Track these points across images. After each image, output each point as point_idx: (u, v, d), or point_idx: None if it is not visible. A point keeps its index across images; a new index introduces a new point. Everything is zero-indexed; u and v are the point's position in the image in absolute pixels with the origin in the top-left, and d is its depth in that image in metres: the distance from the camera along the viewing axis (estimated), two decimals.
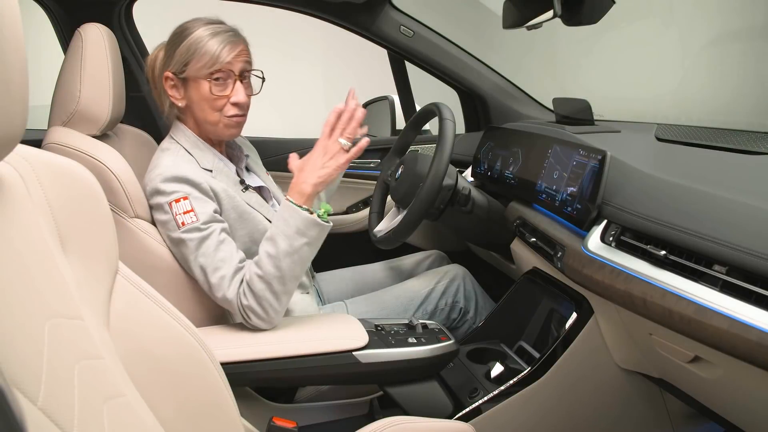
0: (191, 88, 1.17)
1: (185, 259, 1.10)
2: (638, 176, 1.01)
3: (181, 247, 1.10)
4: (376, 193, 1.63)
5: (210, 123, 1.19)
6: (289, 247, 1.07)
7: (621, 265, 0.92)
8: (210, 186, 1.13)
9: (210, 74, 1.14)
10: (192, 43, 1.14)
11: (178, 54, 1.15)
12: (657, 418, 1.22)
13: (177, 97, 1.19)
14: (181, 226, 1.08)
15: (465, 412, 1.16)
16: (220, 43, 1.14)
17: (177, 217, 1.09)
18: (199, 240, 1.08)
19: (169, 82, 1.18)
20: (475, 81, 1.85)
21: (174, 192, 1.10)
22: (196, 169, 1.15)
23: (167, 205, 1.09)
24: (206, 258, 1.08)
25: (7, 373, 0.43)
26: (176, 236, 1.09)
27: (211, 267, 1.08)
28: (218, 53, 1.13)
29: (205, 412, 0.72)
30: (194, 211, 1.09)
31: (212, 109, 1.17)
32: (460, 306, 1.50)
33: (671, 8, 1.77)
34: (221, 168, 1.20)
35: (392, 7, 1.77)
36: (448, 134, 1.32)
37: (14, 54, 0.44)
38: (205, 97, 1.16)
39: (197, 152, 1.18)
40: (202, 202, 1.11)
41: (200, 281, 1.10)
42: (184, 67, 1.15)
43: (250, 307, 1.07)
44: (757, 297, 0.71)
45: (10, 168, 0.56)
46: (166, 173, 1.10)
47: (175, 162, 1.13)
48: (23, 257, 0.52)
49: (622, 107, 1.83)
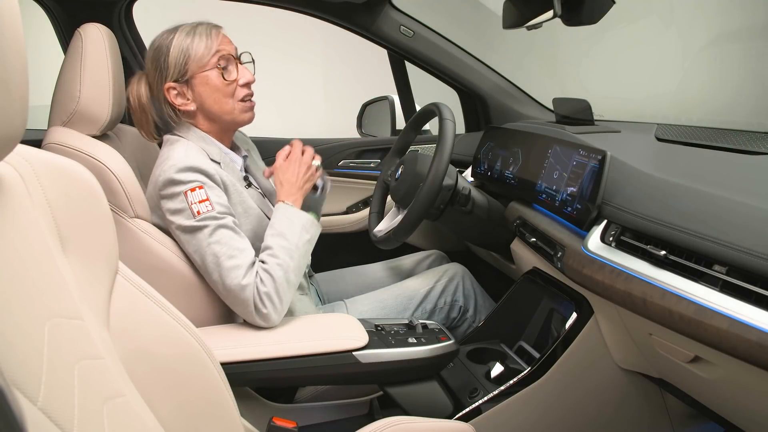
0: (199, 85, 1.17)
1: (198, 248, 1.09)
2: (638, 176, 1.01)
3: (196, 235, 1.09)
4: (376, 193, 1.64)
5: (227, 113, 1.20)
6: (298, 241, 1.14)
7: (621, 265, 0.92)
8: (221, 177, 1.14)
9: (215, 63, 1.16)
10: (179, 46, 1.15)
11: (171, 64, 1.15)
12: (657, 418, 1.22)
13: (186, 102, 1.18)
14: (197, 214, 1.08)
15: (465, 412, 1.16)
16: (205, 32, 1.17)
17: (193, 206, 1.09)
18: (214, 228, 1.09)
19: (172, 92, 1.17)
20: (475, 81, 1.85)
21: (190, 181, 1.10)
22: (207, 160, 1.15)
23: (183, 194, 1.09)
24: (221, 246, 1.08)
25: (7, 373, 0.43)
26: (191, 224, 1.09)
27: (225, 255, 1.08)
28: (211, 40, 1.16)
29: (205, 412, 0.72)
30: (209, 200, 1.10)
31: (226, 97, 1.19)
32: (460, 305, 1.50)
33: (671, 8, 1.77)
34: (227, 162, 1.21)
35: (392, 7, 1.77)
36: (448, 134, 1.32)
37: (14, 54, 0.44)
38: (217, 87, 1.17)
39: (204, 145, 1.19)
40: (217, 192, 1.12)
41: (210, 270, 1.09)
42: (184, 69, 1.16)
43: (268, 294, 1.08)
44: (757, 297, 0.71)
45: (10, 168, 0.56)
46: (179, 164, 1.10)
47: (187, 153, 1.13)
48: (23, 257, 0.52)
49: (622, 107, 1.83)
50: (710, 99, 1.60)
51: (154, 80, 1.19)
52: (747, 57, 1.49)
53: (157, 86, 1.18)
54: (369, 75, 3.06)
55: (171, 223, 1.11)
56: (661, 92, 1.77)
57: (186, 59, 1.15)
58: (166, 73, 1.16)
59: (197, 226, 1.08)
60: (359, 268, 1.68)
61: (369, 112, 2.38)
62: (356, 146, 1.98)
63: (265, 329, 1.10)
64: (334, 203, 1.96)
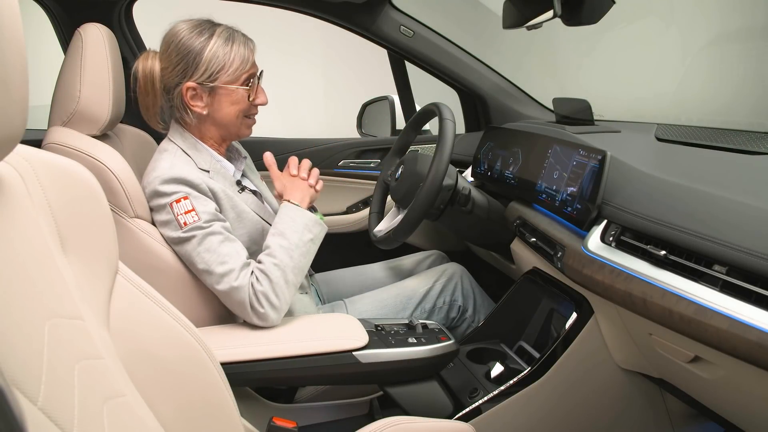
0: (223, 95, 1.17)
1: (189, 257, 1.10)
2: (638, 176, 1.01)
3: (184, 246, 1.10)
4: (376, 193, 1.64)
5: (234, 125, 1.21)
6: (299, 241, 1.14)
7: (621, 265, 0.92)
8: (208, 186, 1.14)
9: (244, 81, 1.17)
10: (215, 53, 1.14)
11: (201, 67, 1.14)
12: (657, 418, 1.22)
13: (200, 105, 1.17)
14: (184, 225, 1.09)
15: (465, 412, 1.16)
16: (243, 44, 1.16)
17: (179, 217, 1.09)
18: (202, 236, 1.09)
19: (190, 92, 1.16)
20: (475, 81, 1.85)
21: (174, 193, 1.10)
22: (193, 169, 1.15)
23: (168, 206, 1.10)
24: (210, 254, 1.09)
25: (7, 373, 0.43)
26: (179, 236, 1.09)
27: (216, 261, 1.08)
28: (247, 57, 1.16)
29: (205, 412, 0.72)
30: (195, 210, 1.10)
31: (242, 113, 1.20)
32: (459, 304, 1.51)
33: (671, 8, 1.77)
34: (218, 169, 1.21)
35: (392, 7, 1.77)
36: (448, 134, 1.32)
37: (14, 54, 0.44)
38: (238, 103, 1.18)
39: (194, 153, 1.19)
40: (202, 201, 1.12)
41: (204, 277, 1.10)
42: (215, 76, 1.15)
43: (265, 293, 1.08)
44: (757, 297, 0.71)
45: (10, 168, 0.56)
46: (163, 175, 1.11)
47: (173, 164, 1.13)
48: (23, 257, 0.52)
49: (622, 107, 1.83)
50: (710, 99, 1.60)
51: (172, 72, 1.16)
52: (747, 57, 1.49)
53: (173, 79, 1.16)
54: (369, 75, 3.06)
55: (162, 234, 1.12)
56: (661, 92, 1.77)
57: (220, 67, 1.14)
58: (192, 72, 1.14)
59: (185, 237, 1.09)
60: (359, 268, 1.68)
61: (369, 112, 2.38)
62: (356, 146, 1.98)
63: (266, 329, 1.10)
64: (334, 203, 1.96)
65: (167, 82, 1.17)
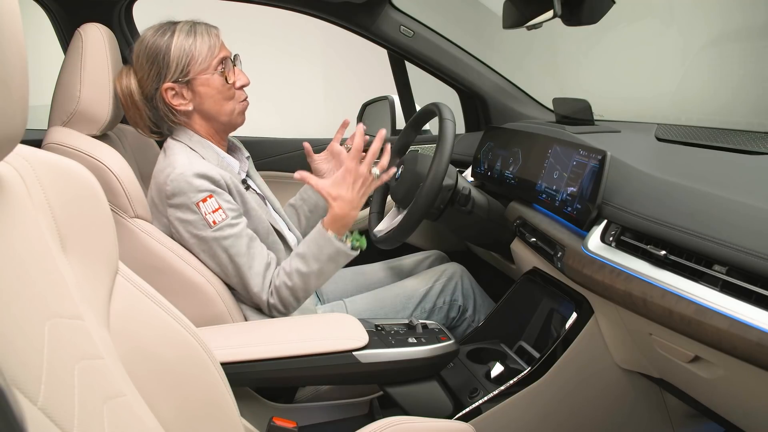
0: (200, 86, 1.17)
1: (214, 255, 1.12)
2: (638, 176, 1.01)
3: (211, 245, 1.11)
4: (376, 193, 1.63)
5: (224, 114, 1.21)
6: (319, 270, 1.17)
7: (621, 265, 0.92)
8: (225, 181, 1.14)
9: (216, 65, 1.17)
10: (180, 47, 1.15)
11: (172, 65, 1.15)
12: (657, 418, 1.22)
13: (183, 102, 1.18)
14: (213, 225, 1.10)
15: (465, 412, 1.16)
16: (205, 33, 1.17)
17: (207, 216, 1.10)
18: (232, 237, 1.12)
19: (170, 92, 1.17)
20: (475, 81, 1.85)
21: (200, 191, 1.10)
22: (209, 165, 1.15)
23: (194, 205, 1.10)
24: (241, 257, 1.13)
25: (7, 373, 0.43)
26: (207, 235, 1.10)
27: (246, 265, 1.13)
28: (213, 43, 1.17)
29: (205, 412, 0.72)
30: (222, 208, 1.11)
31: (226, 99, 1.20)
32: (459, 304, 1.51)
33: (671, 8, 1.77)
34: (224, 165, 1.21)
35: (392, 7, 1.77)
36: (448, 134, 1.32)
37: (14, 54, 0.44)
38: (217, 89, 1.18)
39: (201, 150, 1.19)
40: (225, 197, 1.13)
41: (230, 275, 1.14)
42: (186, 69, 1.15)
43: (275, 306, 1.18)
44: (757, 297, 0.71)
45: (10, 168, 0.56)
46: (187, 172, 1.10)
47: (190, 160, 1.13)
48: (23, 257, 0.52)
49: (622, 107, 1.83)
50: (710, 99, 1.60)
51: (148, 79, 1.17)
52: (747, 57, 1.49)
53: (151, 85, 1.17)
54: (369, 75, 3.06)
55: (183, 232, 1.12)
56: (661, 92, 1.77)
57: (188, 60, 1.15)
58: (165, 73, 1.15)
59: (214, 237, 1.11)
60: (359, 268, 1.68)
61: (369, 112, 2.39)
62: None
63: (266, 329, 1.10)
64: None
65: (147, 91, 1.18)
